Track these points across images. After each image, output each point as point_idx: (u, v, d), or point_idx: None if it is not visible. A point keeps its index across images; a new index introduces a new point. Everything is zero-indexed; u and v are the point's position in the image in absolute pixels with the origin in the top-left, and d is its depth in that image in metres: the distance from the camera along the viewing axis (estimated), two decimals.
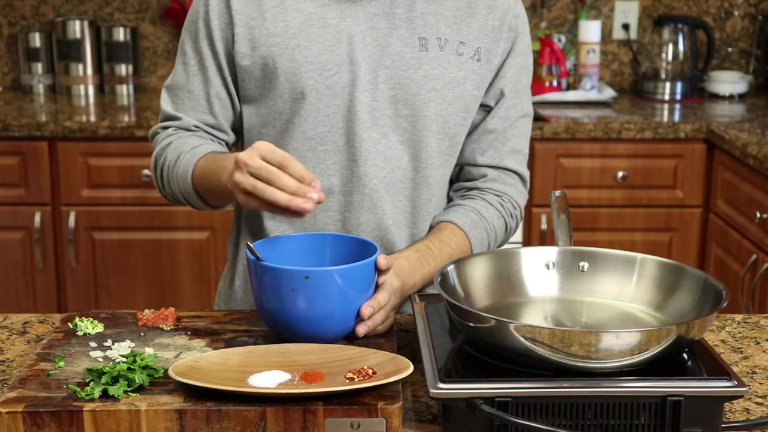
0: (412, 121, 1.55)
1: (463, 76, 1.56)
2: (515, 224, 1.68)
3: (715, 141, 3.04)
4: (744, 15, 3.72)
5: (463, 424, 1.10)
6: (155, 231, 3.14)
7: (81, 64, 3.53)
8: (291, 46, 1.53)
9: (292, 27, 1.54)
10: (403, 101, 1.54)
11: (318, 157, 1.56)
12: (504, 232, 1.66)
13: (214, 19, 1.56)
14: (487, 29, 1.58)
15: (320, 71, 1.53)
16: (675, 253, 3.17)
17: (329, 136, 1.55)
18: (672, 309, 1.27)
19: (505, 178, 1.65)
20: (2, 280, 3.17)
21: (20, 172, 3.09)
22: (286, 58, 1.53)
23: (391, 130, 1.56)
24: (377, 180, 1.56)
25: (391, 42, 1.54)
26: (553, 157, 3.13)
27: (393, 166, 1.57)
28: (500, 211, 1.63)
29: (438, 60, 1.55)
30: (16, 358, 1.35)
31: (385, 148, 1.56)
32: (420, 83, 1.54)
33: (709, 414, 1.11)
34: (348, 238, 1.41)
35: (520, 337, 1.11)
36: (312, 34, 1.53)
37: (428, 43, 1.54)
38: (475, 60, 1.57)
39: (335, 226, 1.58)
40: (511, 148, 1.64)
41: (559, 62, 3.47)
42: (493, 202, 1.63)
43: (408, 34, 1.54)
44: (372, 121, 1.54)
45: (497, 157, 1.64)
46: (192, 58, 1.59)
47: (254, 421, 1.11)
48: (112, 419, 1.11)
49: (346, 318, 1.30)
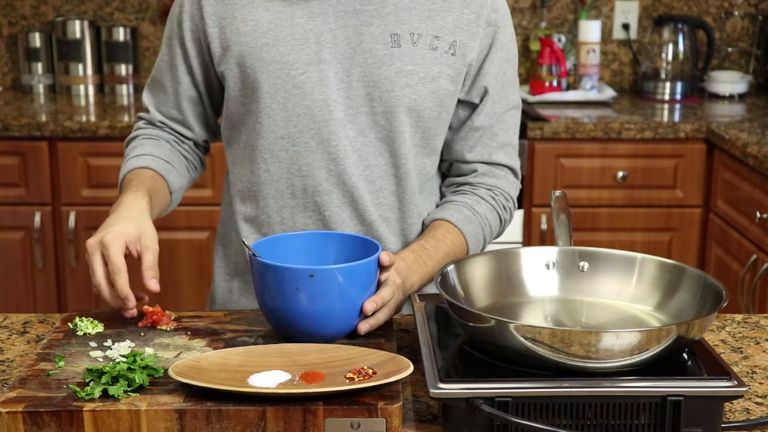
0: (388, 117, 1.56)
1: (438, 71, 1.56)
2: (509, 216, 1.69)
3: (715, 141, 3.04)
4: (744, 15, 3.72)
5: (463, 424, 1.10)
6: None
7: (81, 64, 3.53)
8: (259, 45, 1.55)
9: (261, 26, 1.55)
10: (378, 98, 1.55)
11: (291, 158, 1.58)
12: (499, 224, 1.67)
13: (186, 20, 1.60)
14: (463, 23, 1.57)
15: (287, 70, 1.54)
16: (675, 253, 3.17)
17: (301, 136, 1.56)
18: (672, 309, 1.27)
19: (496, 172, 1.66)
20: (2, 280, 3.17)
21: (20, 172, 3.09)
22: (255, 57, 1.55)
23: (368, 128, 1.56)
24: (356, 177, 1.57)
25: (362, 39, 1.54)
26: (553, 157, 3.13)
27: (371, 163, 1.58)
28: (493, 204, 1.64)
29: (411, 56, 1.54)
30: (16, 358, 1.35)
31: (362, 146, 1.57)
32: (393, 80, 1.54)
33: (709, 414, 1.11)
34: (349, 237, 1.42)
35: (520, 337, 1.11)
36: (279, 33, 1.55)
37: (401, 39, 1.54)
38: (450, 54, 1.56)
39: (315, 225, 1.60)
40: (500, 142, 1.65)
41: (559, 62, 3.47)
42: (484, 196, 1.64)
43: (380, 31, 1.54)
44: (348, 120, 1.55)
45: (486, 153, 1.64)
46: (166, 54, 1.65)
47: (254, 421, 1.11)
48: (112, 419, 1.11)
49: (348, 316, 1.31)
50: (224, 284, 1.70)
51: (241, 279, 1.68)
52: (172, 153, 1.66)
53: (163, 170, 1.61)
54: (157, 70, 1.68)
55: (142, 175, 1.58)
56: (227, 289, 1.69)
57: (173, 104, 1.66)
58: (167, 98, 1.66)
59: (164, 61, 1.65)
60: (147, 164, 1.60)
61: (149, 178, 1.58)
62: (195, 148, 1.72)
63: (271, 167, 1.58)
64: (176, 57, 1.62)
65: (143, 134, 1.69)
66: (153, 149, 1.64)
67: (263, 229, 1.62)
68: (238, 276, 1.68)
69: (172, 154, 1.66)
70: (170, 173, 1.63)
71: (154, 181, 1.58)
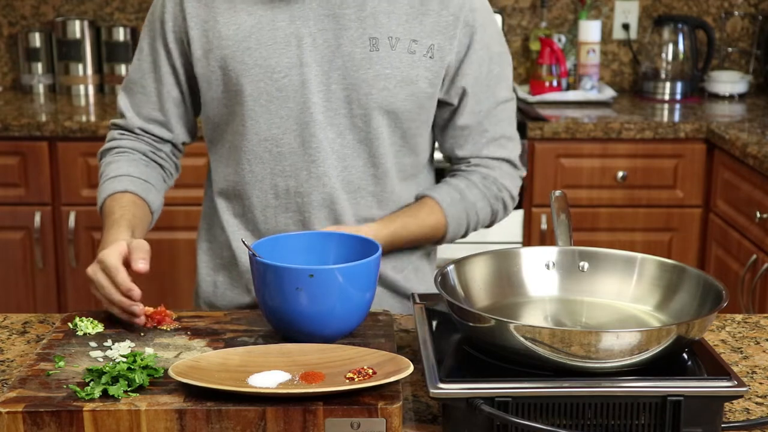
0: (366, 120, 1.58)
1: (416, 74, 1.57)
2: (502, 207, 1.70)
3: (715, 141, 3.04)
4: (744, 15, 3.72)
5: (463, 424, 1.10)
6: (155, 231, 3.09)
7: (81, 64, 3.53)
8: (241, 49, 1.56)
9: (243, 30, 1.57)
10: (356, 101, 1.57)
11: (274, 159, 1.59)
12: (489, 213, 1.69)
13: (168, 21, 1.61)
14: (441, 26, 1.58)
15: (270, 74, 1.56)
16: (675, 253, 3.17)
17: (284, 138, 1.58)
18: (672, 309, 1.27)
19: (490, 163, 1.68)
20: (2, 280, 3.17)
21: (20, 172, 3.09)
22: (237, 60, 1.57)
23: (347, 129, 1.58)
24: (335, 179, 1.59)
25: (341, 43, 1.56)
26: (553, 157, 3.13)
27: (349, 164, 1.60)
28: (484, 192, 1.66)
29: (389, 59, 1.56)
30: (16, 358, 1.35)
31: (341, 147, 1.59)
32: (371, 83, 1.56)
33: (709, 414, 1.11)
34: (349, 237, 1.42)
35: (520, 337, 1.11)
36: (262, 37, 1.56)
37: (379, 43, 1.56)
38: (428, 57, 1.58)
39: (296, 226, 1.62)
40: (490, 137, 1.66)
41: (559, 62, 3.47)
42: (477, 182, 1.66)
43: (358, 35, 1.56)
44: (327, 122, 1.57)
45: (476, 150, 1.67)
46: (148, 55, 1.65)
47: (254, 421, 1.11)
48: (112, 419, 1.11)
49: (348, 316, 1.31)
50: (208, 279, 1.72)
51: (226, 273, 1.69)
52: (149, 168, 1.66)
53: (143, 191, 1.61)
54: (136, 72, 1.67)
55: (122, 201, 1.57)
56: (212, 284, 1.70)
57: (155, 105, 1.66)
58: (148, 100, 1.66)
59: (146, 62, 1.65)
60: (125, 188, 1.59)
61: (130, 204, 1.57)
62: (172, 152, 1.72)
63: (255, 168, 1.61)
64: (160, 57, 1.63)
65: (118, 148, 1.67)
66: (130, 168, 1.63)
67: (250, 226, 1.65)
68: (223, 270, 1.69)
69: (148, 170, 1.65)
70: (149, 192, 1.62)
71: (135, 207, 1.57)
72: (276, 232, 1.63)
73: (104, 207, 1.59)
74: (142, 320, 1.35)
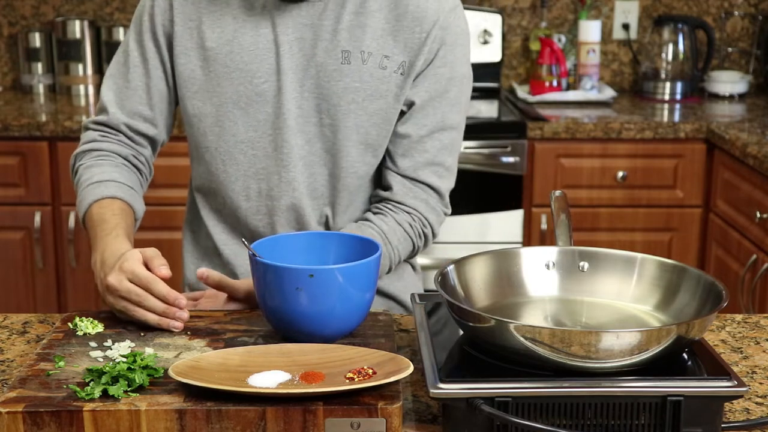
0: (334, 130, 1.59)
1: (386, 89, 1.59)
2: (423, 243, 1.68)
3: (715, 141, 3.04)
4: (744, 15, 3.72)
5: (463, 424, 1.10)
6: (155, 231, 3.13)
7: (81, 64, 3.53)
8: (224, 53, 1.58)
9: (227, 33, 1.59)
10: (326, 111, 1.58)
11: (249, 161, 1.61)
12: (410, 251, 1.67)
13: (157, 15, 1.62)
14: (414, 43, 1.58)
15: (250, 78, 1.58)
16: (675, 253, 3.17)
17: (260, 141, 1.60)
18: (672, 309, 1.27)
19: (418, 192, 1.64)
20: (2, 280, 3.17)
21: (20, 172, 3.09)
22: (219, 63, 1.58)
23: (315, 137, 1.60)
24: (302, 185, 1.61)
25: (316, 53, 1.57)
26: (553, 157, 3.13)
27: (314, 172, 1.61)
28: (408, 232, 1.64)
29: (359, 73, 1.57)
30: (16, 358, 1.35)
31: (308, 154, 1.60)
32: (340, 95, 1.57)
33: (709, 414, 1.11)
34: (349, 237, 1.42)
35: (520, 337, 1.11)
36: (244, 42, 1.58)
37: (351, 56, 1.57)
38: (399, 74, 1.59)
39: (265, 229, 1.64)
40: (428, 159, 1.63)
41: (559, 62, 3.47)
42: (402, 222, 1.63)
43: (332, 47, 1.57)
44: (298, 128, 1.59)
45: (411, 167, 1.63)
46: (135, 50, 1.64)
47: (254, 421, 1.11)
48: (112, 419, 1.11)
49: (348, 316, 1.31)
50: (193, 267, 1.74)
51: (210, 262, 1.71)
52: (131, 173, 1.64)
53: (130, 198, 1.59)
54: (122, 66, 1.65)
55: (113, 208, 1.55)
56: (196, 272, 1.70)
57: (143, 99, 1.65)
58: (135, 94, 1.64)
59: (134, 56, 1.64)
60: (113, 194, 1.57)
61: (122, 212, 1.55)
62: (151, 156, 1.70)
63: (229, 168, 1.62)
64: (148, 51, 1.63)
65: (99, 151, 1.65)
66: (114, 173, 1.60)
67: (229, 220, 1.67)
68: (207, 259, 1.71)
69: (131, 175, 1.64)
70: (135, 200, 1.61)
71: (126, 215, 1.56)
72: (248, 232, 1.64)
73: (91, 212, 1.55)
74: (182, 326, 1.35)
